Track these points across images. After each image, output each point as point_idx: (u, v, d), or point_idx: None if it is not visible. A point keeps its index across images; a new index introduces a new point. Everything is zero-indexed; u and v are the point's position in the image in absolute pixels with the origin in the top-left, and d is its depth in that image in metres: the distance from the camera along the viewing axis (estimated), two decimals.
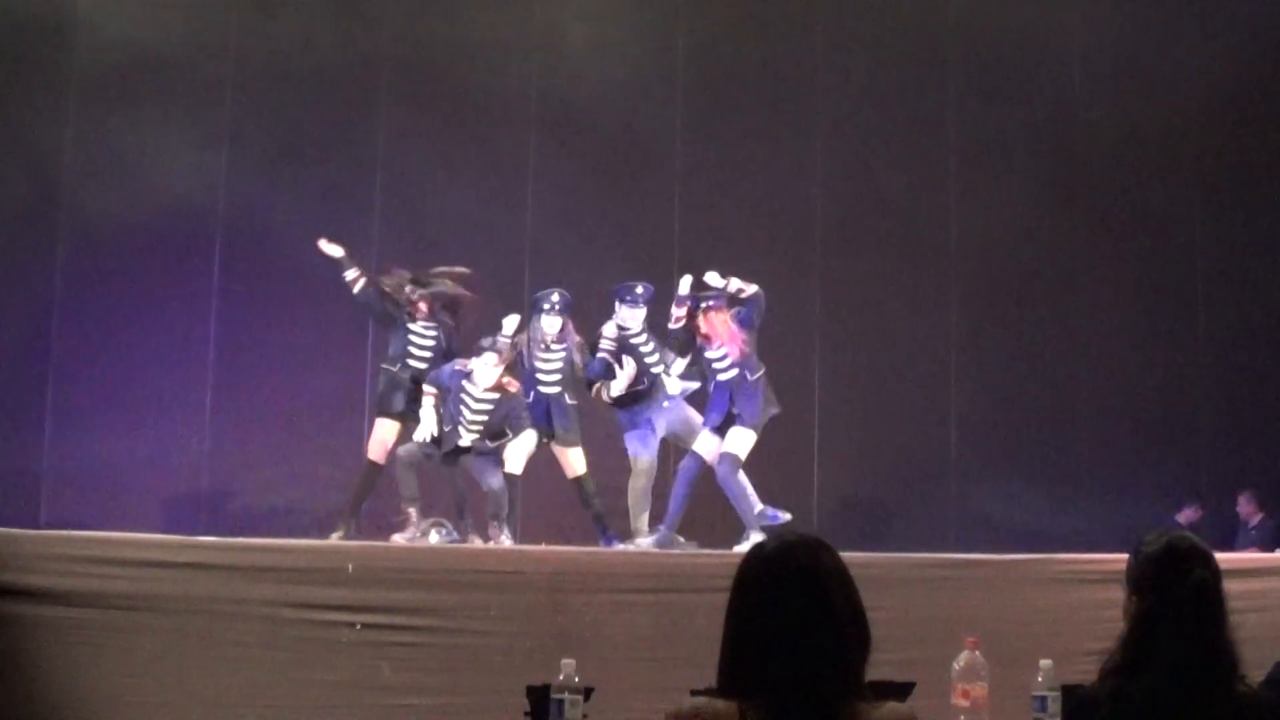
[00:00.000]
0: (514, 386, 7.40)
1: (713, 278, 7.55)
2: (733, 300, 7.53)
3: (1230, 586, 2.73)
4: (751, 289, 7.50)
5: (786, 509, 7.48)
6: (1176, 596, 2.63)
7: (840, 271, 9.98)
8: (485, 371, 7.31)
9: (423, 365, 7.59)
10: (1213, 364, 10.33)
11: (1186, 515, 9.57)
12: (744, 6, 10.20)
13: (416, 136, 9.48)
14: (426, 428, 7.33)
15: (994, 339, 10.09)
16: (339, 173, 9.28)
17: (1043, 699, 4.01)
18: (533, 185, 9.60)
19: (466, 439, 7.34)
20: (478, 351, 7.36)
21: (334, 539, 7.19)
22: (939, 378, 10.02)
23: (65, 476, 8.79)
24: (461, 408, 7.34)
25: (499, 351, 7.31)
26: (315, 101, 9.32)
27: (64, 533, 6.13)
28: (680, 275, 7.62)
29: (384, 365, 7.75)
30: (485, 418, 7.36)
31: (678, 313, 7.52)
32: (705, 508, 7.76)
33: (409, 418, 7.52)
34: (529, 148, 9.62)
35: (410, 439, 7.39)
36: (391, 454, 7.51)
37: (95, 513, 8.33)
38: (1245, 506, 9.61)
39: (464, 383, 7.35)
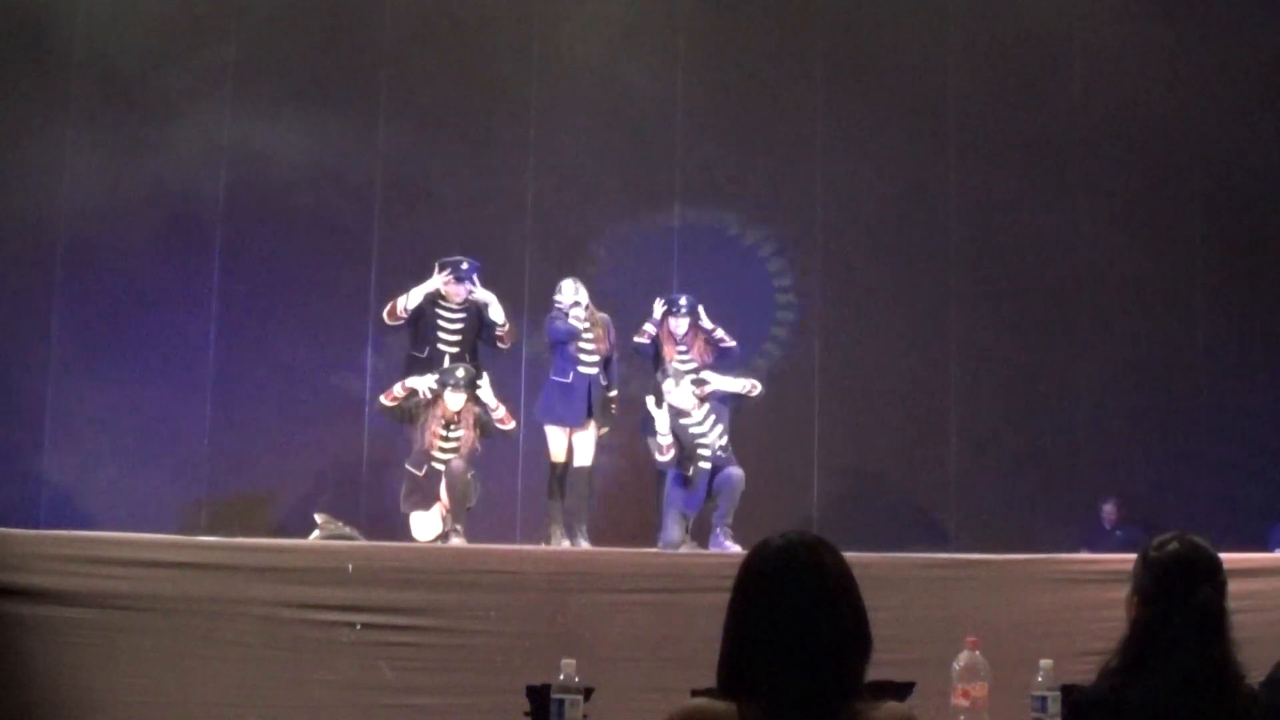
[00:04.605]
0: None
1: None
2: None
3: (1230, 587, 2.73)
4: None
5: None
6: (1180, 611, 2.61)
7: (840, 270, 9.98)
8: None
9: None
10: (1212, 363, 10.32)
11: (1108, 512, 9.73)
12: (745, 6, 10.20)
13: (417, 127, 9.49)
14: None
15: (994, 338, 10.09)
16: (339, 168, 9.27)
17: (1043, 699, 4.01)
18: (533, 184, 9.60)
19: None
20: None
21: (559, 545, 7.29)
22: (939, 377, 10.01)
23: (65, 476, 8.78)
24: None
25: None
26: (316, 98, 9.30)
27: (64, 533, 6.12)
28: (679, 269, 7.63)
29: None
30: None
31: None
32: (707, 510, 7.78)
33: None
34: (529, 143, 9.62)
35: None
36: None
37: (95, 513, 8.33)
38: (1109, 514, 9.76)
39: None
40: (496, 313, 7.73)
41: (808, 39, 10.18)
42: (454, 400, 7.34)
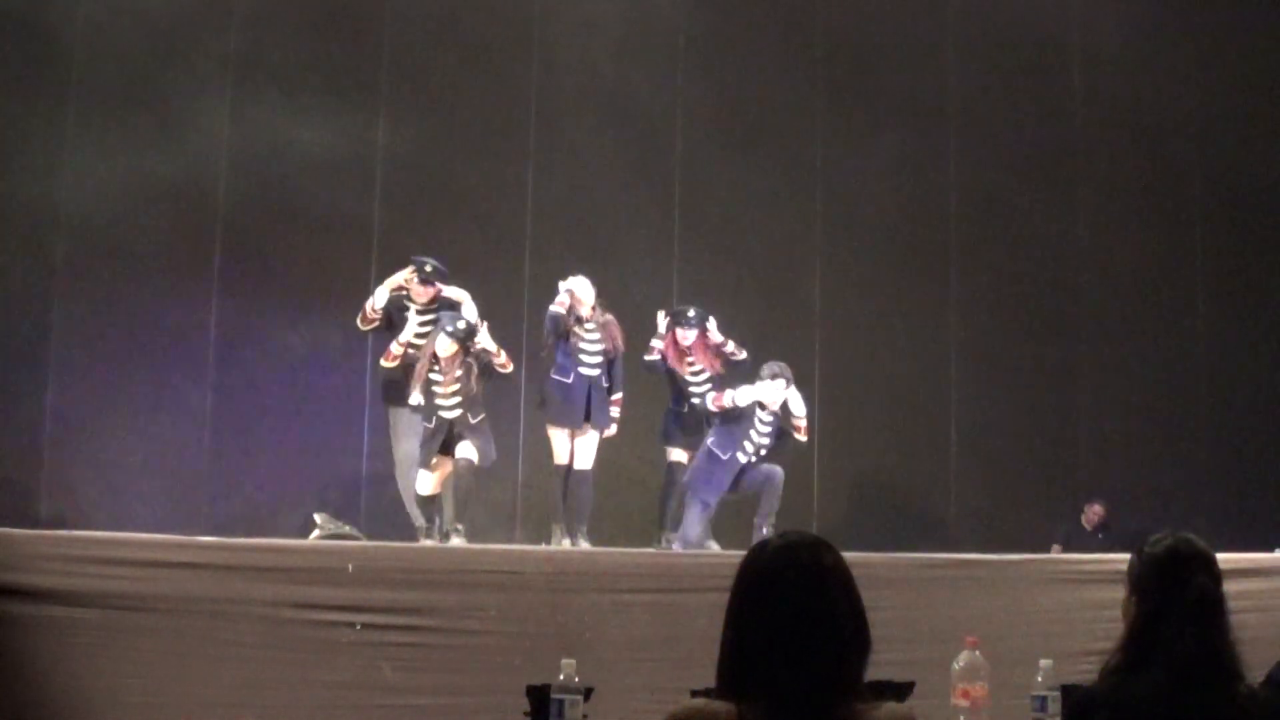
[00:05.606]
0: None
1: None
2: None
3: (1230, 587, 2.74)
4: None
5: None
6: (1178, 603, 2.64)
7: (841, 271, 9.98)
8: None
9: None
10: (1212, 364, 10.33)
11: (1095, 512, 9.73)
12: (745, 7, 10.20)
13: (418, 125, 9.48)
14: None
15: (994, 338, 10.10)
16: (340, 166, 9.26)
17: (1043, 699, 4.01)
18: (533, 183, 9.60)
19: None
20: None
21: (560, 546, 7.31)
22: (939, 378, 10.02)
23: (65, 476, 8.78)
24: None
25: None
26: (316, 94, 9.30)
27: (64, 533, 6.13)
28: (679, 273, 7.62)
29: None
30: None
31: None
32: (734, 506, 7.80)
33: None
34: (529, 142, 9.62)
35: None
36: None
37: (95, 513, 8.33)
38: (1096, 513, 9.75)
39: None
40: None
41: (808, 40, 10.18)
42: (444, 346, 7.30)
